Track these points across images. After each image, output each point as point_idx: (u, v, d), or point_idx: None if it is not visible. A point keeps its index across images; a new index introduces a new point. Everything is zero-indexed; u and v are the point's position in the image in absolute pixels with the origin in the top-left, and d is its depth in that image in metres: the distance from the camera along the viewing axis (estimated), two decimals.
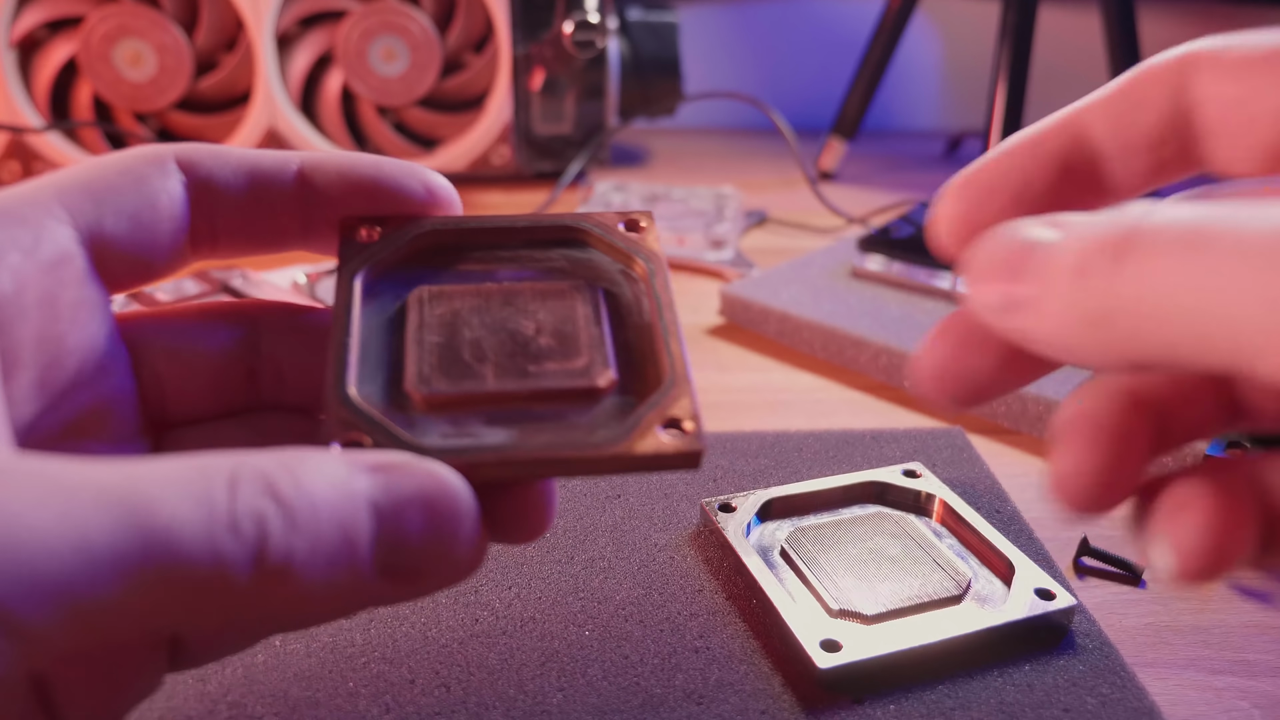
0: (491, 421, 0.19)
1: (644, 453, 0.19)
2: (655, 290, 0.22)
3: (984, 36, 0.86)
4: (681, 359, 0.20)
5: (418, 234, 0.22)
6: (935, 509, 0.31)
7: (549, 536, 0.30)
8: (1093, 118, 0.20)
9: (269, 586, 0.15)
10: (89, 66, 0.67)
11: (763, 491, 0.31)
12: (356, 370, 0.20)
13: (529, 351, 0.20)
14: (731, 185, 0.73)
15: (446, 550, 0.17)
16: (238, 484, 0.16)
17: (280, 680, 0.24)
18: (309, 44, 0.72)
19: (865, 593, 0.27)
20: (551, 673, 0.25)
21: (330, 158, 0.22)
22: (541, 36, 0.72)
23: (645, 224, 0.23)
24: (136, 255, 0.20)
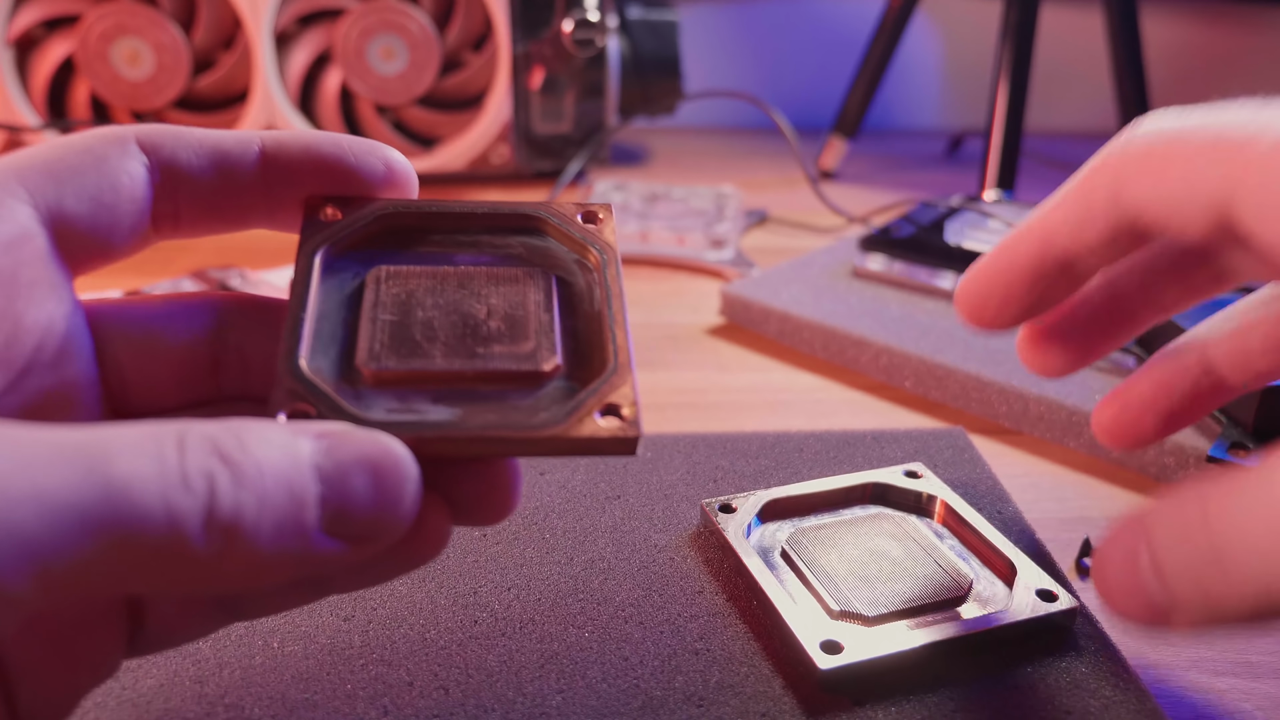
0: (437, 400, 0.20)
1: (580, 436, 0.19)
2: (607, 280, 0.22)
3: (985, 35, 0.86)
4: (626, 348, 0.21)
5: (380, 215, 0.23)
6: (936, 510, 0.31)
7: (548, 538, 0.30)
8: (1054, 227, 0.24)
9: (220, 546, 0.16)
10: (86, 65, 0.67)
11: (763, 492, 0.31)
12: (310, 344, 0.21)
13: (479, 334, 0.21)
14: (732, 184, 0.73)
15: (391, 512, 0.18)
16: (186, 445, 0.16)
17: (278, 682, 0.24)
18: (307, 42, 0.72)
19: (866, 594, 0.27)
20: (551, 675, 0.25)
21: (292, 136, 0.22)
22: (541, 35, 0.72)
23: (603, 216, 0.24)
24: (97, 235, 0.21)
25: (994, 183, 0.70)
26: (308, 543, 0.17)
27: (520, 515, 0.31)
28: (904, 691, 0.25)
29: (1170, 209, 0.22)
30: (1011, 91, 0.71)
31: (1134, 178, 0.23)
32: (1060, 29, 0.94)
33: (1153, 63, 0.79)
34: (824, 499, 0.31)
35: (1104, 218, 0.23)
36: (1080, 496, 0.37)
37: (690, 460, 0.35)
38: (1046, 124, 0.99)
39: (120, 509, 0.15)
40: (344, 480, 0.17)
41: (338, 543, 0.17)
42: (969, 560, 0.29)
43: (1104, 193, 0.23)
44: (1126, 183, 0.23)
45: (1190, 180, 0.21)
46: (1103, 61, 0.80)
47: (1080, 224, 0.24)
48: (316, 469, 0.17)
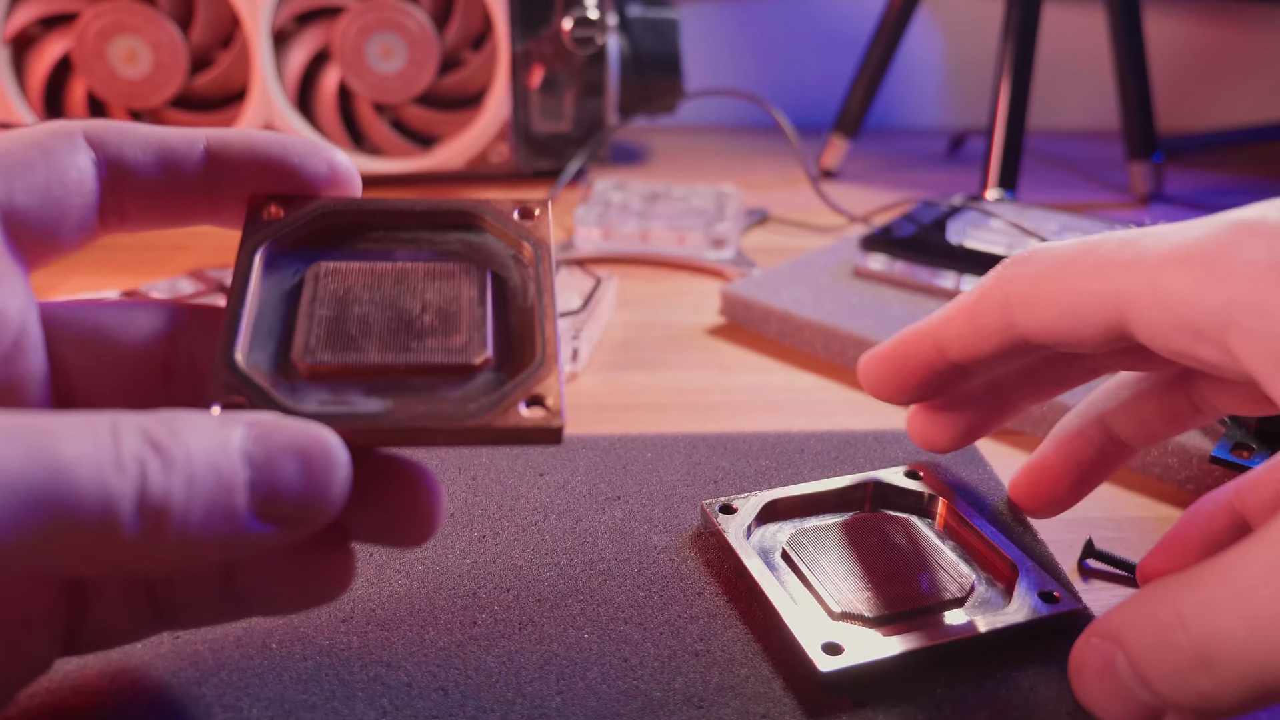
0: (369, 392, 0.21)
1: (504, 426, 0.20)
2: (539, 275, 0.23)
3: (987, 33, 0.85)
4: (553, 341, 0.22)
5: (321, 213, 0.24)
6: (938, 511, 0.31)
7: (547, 539, 0.30)
8: (947, 340, 0.27)
9: (150, 528, 0.17)
10: (83, 63, 0.67)
11: (764, 493, 0.31)
12: (248, 339, 0.21)
13: (412, 328, 0.22)
14: (732, 184, 0.73)
15: (321, 495, 0.19)
16: (119, 431, 0.17)
17: (276, 683, 0.24)
18: (305, 41, 0.72)
19: (867, 595, 0.27)
20: (550, 676, 0.25)
21: (237, 135, 0.23)
22: (540, 33, 0.72)
23: (539, 212, 0.25)
24: (46, 229, 0.21)
25: (996, 182, 0.71)
26: (238, 525, 0.18)
27: (520, 516, 0.31)
28: (905, 693, 0.25)
29: (1065, 330, 0.24)
30: (1013, 90, 0.71)
31: (1026, 306, 0.25)
32: (1062, 27, 0.94)
33: (1155, 61, 0.79)
34: (825, 500, 0.31)
35: (995, 339, 0.26)
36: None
37: (690, 461, 0.35)
38: (1049, 123, 0.99)
39: (60, 489, 0.16)
40: (273, 465, 0.18)
41: (269, 525, 0.18)
42: (970, 562, 0.29)
43: (995, 317, 0.25)
44: (1018, 310, 0.25)
45: (1082, 303, 0.23)
46: (1105, 60, 0.80)
47: (971, 343, 0.26)
48: (246, 455, 0.18)
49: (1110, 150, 0.91)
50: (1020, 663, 0.26)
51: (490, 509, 0.32)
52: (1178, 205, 0.77)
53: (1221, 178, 0.86)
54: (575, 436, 0.36)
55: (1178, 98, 1.00)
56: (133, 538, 0.16)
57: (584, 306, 0.48)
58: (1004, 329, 0.26)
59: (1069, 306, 0.24)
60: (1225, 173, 0.87)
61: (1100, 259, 0.24)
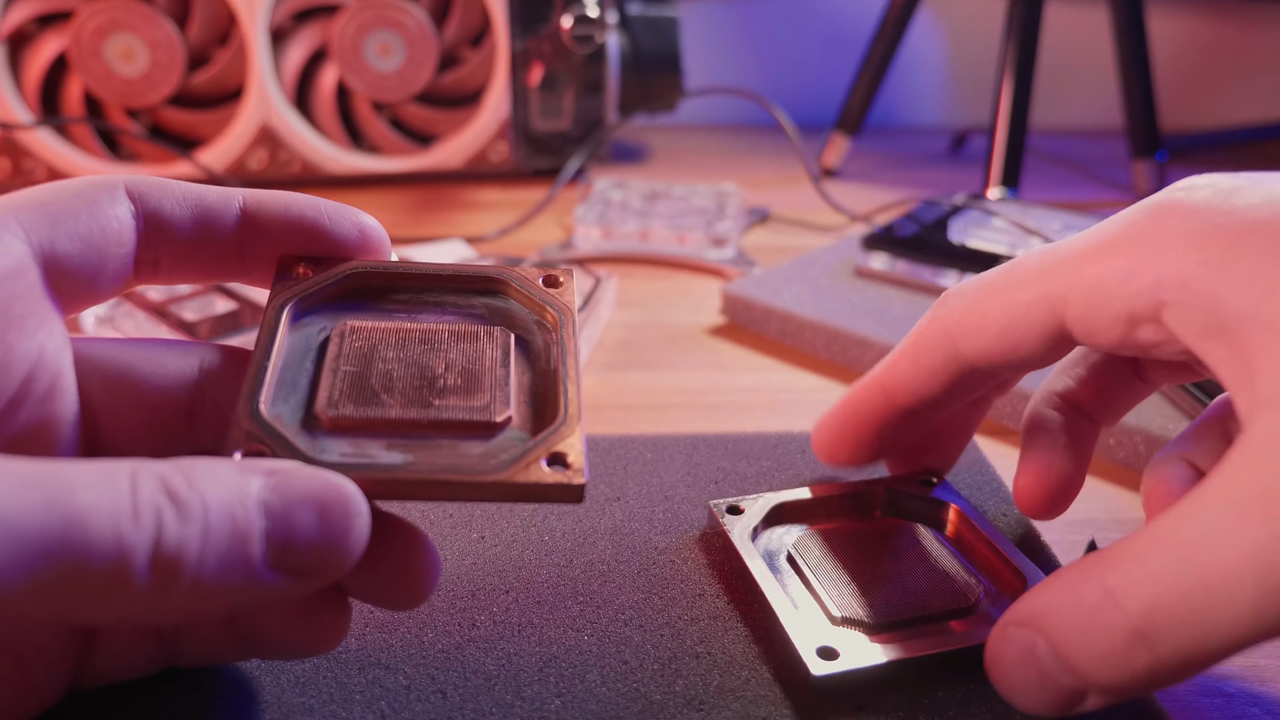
0: (391, 446, 0.21)
1: (524, 481, 0.20)
2: (562, 338, 0.24)
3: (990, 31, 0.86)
4: (576, 401, 0.22)
5: (349, 274, 0.25)
6: (949, 519, 0.31)
7: (547, 540, 0.30)
8: (894, 386, 0.28)
9: (162, 579, 0.17)
10: (79, 62, 0.67)
11: (771, 495, 0.31)
12: (273, 391, 0.22)
13: (435, 386, 0.22)
14: (733, 182, 0.73)
15: (337, 547, 0.19)
16: (138, 481, 0.17)
17: (274, 686, 0.24)
18: (303, 39, 0.72)
19: (869, 601, 0.27)
20: (550, 678, 0.25)
21: (271, 196, 0.24)
22: (540, 31, 0.72)
23: (564, 280, 0.26)
24: (85, 274, 0.22)
25: (998, 181, 0.71)
26: (252, 576, 0.18)
27: (518, 517, 0.31)
28: (908, 698, 0.25)
29: (1008, 348, 0.25)
30: (1016, 88, 0.71)
31: (965, 333, 0.25)
32: (1065, 25, 0.94)
33: (1159, 58, 0.79)
34: (834, 504, 0.31)
35: (941, 375, 0.26)
36: (1085, 498, 0.37)
37: (691, 462, 0.35)
38: (1051, 121, 0.99)
39: (75, 538, 0.16)
40: (290, 516, 0.18)
41: (283, 576, 0.18)
42: (978, 570, 0.29)
43: (939, 353, 0.26)
44: (959, 339, 0.26)
45: (1017, 317, 0.24)
46: (1108, 58, 0.80)
47: (919, 383, 0.27)
48: (263, 504, 0.18)
49: (1113, 149, 0.91)
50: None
51: (489, 510, 0.32)
52: None
53: None
54: None
55: (1181, 95, 1.00)
56: (144, 588, 0.16)
57: (583, 306, 0.48)
58: (948, 361, 0.26)
59: (1007, 323, 0.24)
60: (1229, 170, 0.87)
61: (1027, 270, 0.24)
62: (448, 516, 0.31)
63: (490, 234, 0.64)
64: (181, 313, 0.45)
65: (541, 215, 0.69)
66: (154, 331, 0.44)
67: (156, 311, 0.45)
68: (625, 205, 0.65)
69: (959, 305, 0.26)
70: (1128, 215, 0.23)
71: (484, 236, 0.64)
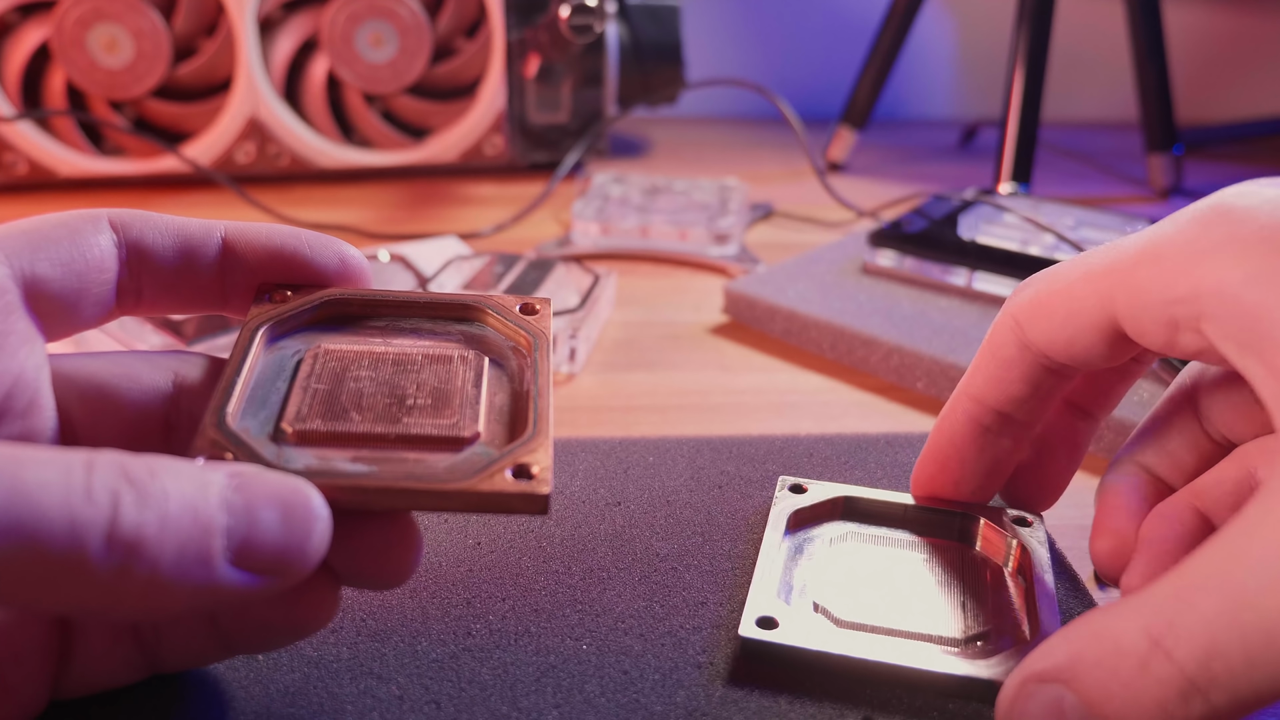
0: (356, 459, 0.22)
1: (487, 490, 0.21)
2: (536, 360, 0.25)
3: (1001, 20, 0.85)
4: (546, 417, 0.23)
5: (326, 300, 0.26)
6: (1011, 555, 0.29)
7: (545, 546, 0.30)
8: (979, 390, 0.28)
9: (121, 562, 0.17)
10: (62, 52, 0.67)
11: (842, 486, 0.31)
12: (241, 406, 0.23)
13: (405, 405, 0.23)
14: (736, 177, 0.73)
15: (300, 547, 0.19)
16: (94, 466, 0.18)
17: (263, 696, 0.24)
18: (293, 29, 0.72)
19: (852, 600, 0.27)
20: (547, 689, 0.25)
21: (253, 227, 0.25)
22: (536, 21, 0.72)
23: (540, 308, 0.26)
24: (66, 300, 0.23)
25: (1009, 175, 0.71)
26: (212, 571, 0.18)
27: (516, 522, 0.31)
28: (916, 708, 0.25)
29: (1068, 339, 0.25)
30: (1028, 80, 0.71)
31: (1032, 321, 0.26)
32: (1079, 15, 0.94)
33: (1175, 50, 0.80)
34: (901, 515, 0.31)
35: (1018, 367, 0.27)
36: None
37: (693, 465, 0.35)
38: (1064, 114, 0.99)
39: (23, 512, 0.16)
40: (253, 514, 0.19)
41: (245, 574, 0.19)
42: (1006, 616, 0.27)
43: (1012, 343, 0.27)
44: (1027, 328, 0.26)
45: (1076, 310, 0.25)
46: (1123, 48, 0.80)
47: (1001, 378, 0.27)
48: (225, 501, 0.19)
49: (1128, 142, 0.91)
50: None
51: (485, 515, 0.32)
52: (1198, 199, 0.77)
53: (1243, 170, 0.86)
54: (574, 439, 0.36)
55: (1198, 88, 1.00)
56: (103, 571, 0.17)
57: (582, 304, 0.48)
58: (1021, 350, 0.27)
59: (1067, 315, 0.25)
60: (1247, 165, 0.87)
61: (1087, 266, 0.25)
62: (443, 522, 0.31)
63: (485, 230, 0.65)
64: (182, 321, 0.45)
65: (538, 211, 0.69)
66: (140, 331, 0.44)
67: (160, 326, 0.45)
68: (625, 200, 0.65)
69: (1028, 295, 0.26)
70: (1180, 217, 0.23)
71: (479, 233, 0.64)
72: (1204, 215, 0.23)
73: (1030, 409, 0.28)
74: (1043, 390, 0.27)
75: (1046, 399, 0.28)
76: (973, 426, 0.28)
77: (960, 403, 0.29)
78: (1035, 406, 0.28)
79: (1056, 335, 0.26)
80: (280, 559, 0.19)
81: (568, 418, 0.43)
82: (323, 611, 0.22)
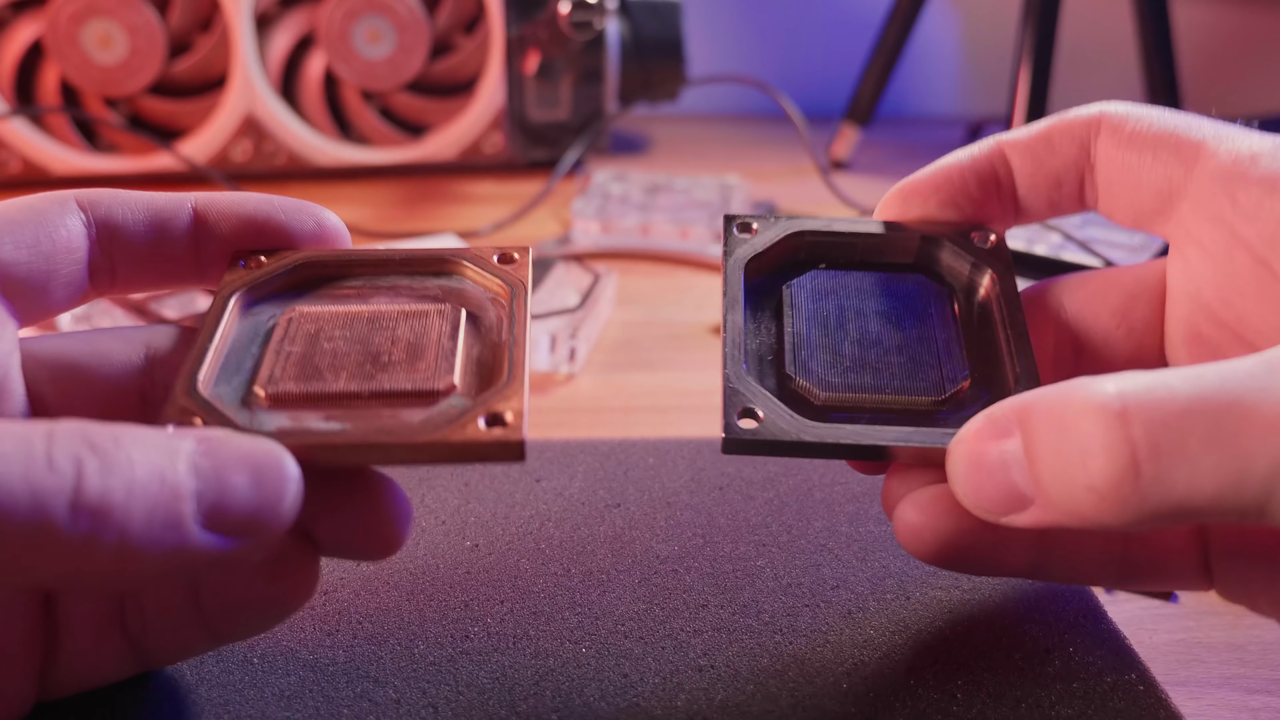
0: (329, 418, 0.22)
1: (460, 440, 0.21)
2: (513, 310, 0.24)
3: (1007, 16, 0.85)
4: (521, 364, 0.23)
5: (299, 263, 0.25)
6: (983, 283, 0.27)
7: (544, 548, 0.30)
8: (1015, 151, 0.27)
9: (89, 528, 0.17)
10: (56, 48, 0.67)
11: (792, 220, 0.28)
12: (214, 373, 0.23)
13: (379, 362, 0.23)
14: (737, 175, 0.73)
15: (272, 508, 0.19)
16: (54, 435, 0.18)
17: (258, 700, 0.24)
18: (289, 25, 0.72)
19: (836, 369, 0.25)
20: (546, 692, 0.25)
21: (223, 197, 0.25)
22: (536, 17, 0.72)
23: (519, 257, 0.26)
24: (34, 282, 0.23)
25: None
26: (183, 535, 0.18)
27: (515, 524, 0.31)
28: (921, 712, 0.25)
29: (1122, 174, 0.25)
30: (1034, 76, 0.71)
31: (1106, 135, 0.25)
32: (1085, 10, 0.94)
33: (1183, 45, 0.79)
34: (860, 245, 0.28)
35: (1064, 157, 0.26)
36: None
37: (694, 466, 0.35)
38: None
39: None
40: (222, 476, 0.19)
41: (217, 537, 0.19)
42: (984, 358, 0.25)
43: (1073, 138, 0.26)
44: (1098, 136, 0.26)
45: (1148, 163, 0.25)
46: (1130, 44, 0.80)
47: (1042, 155, 0.26)
48: (194, 466, 0.19)
49: None
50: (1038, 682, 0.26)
51: (483, 516, 0.32)
52: None
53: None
54: (573, 441, 0.36)
55: (1207, 85, 1.00)
56: (71, 538, 0.17)
57: (582, 304, 0.48)
58: (1082, 147, 0.26)
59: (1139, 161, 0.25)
60: None
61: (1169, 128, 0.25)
62: (440, 524, 0.31)
63: (484, 228, 0.65)
64: (162, 310, 0.45)
65: (538, 209, 0.69)
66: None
67: (136, 309, 0.45)
68: (625, 198, 0.65)
69: (1119, 111, 0.26)
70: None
71: (477, 231, 0.64)
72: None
73: (1036, 194, 0.27)
74: (1061, 189, 0.27)
75: (1054, 194, 0.27)
76: (981, 172, 0.27)
77: (988, 152, 0.27)
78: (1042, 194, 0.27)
79: (1127, 165, 0.25)
80: (253, 520, 0.19)
81: (567, 418, 0.43)
82: (303, 583, 0.22)
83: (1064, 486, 0.19)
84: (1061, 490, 0.19)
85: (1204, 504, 0.18)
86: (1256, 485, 0.18)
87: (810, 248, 0.28)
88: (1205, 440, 0.18)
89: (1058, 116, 0.27)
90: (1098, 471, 0.19)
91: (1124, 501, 0.18)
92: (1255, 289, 0.23)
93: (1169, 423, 0.18)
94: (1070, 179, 0.26)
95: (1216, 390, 0.18)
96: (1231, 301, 0.24)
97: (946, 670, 0.26)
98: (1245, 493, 0.18)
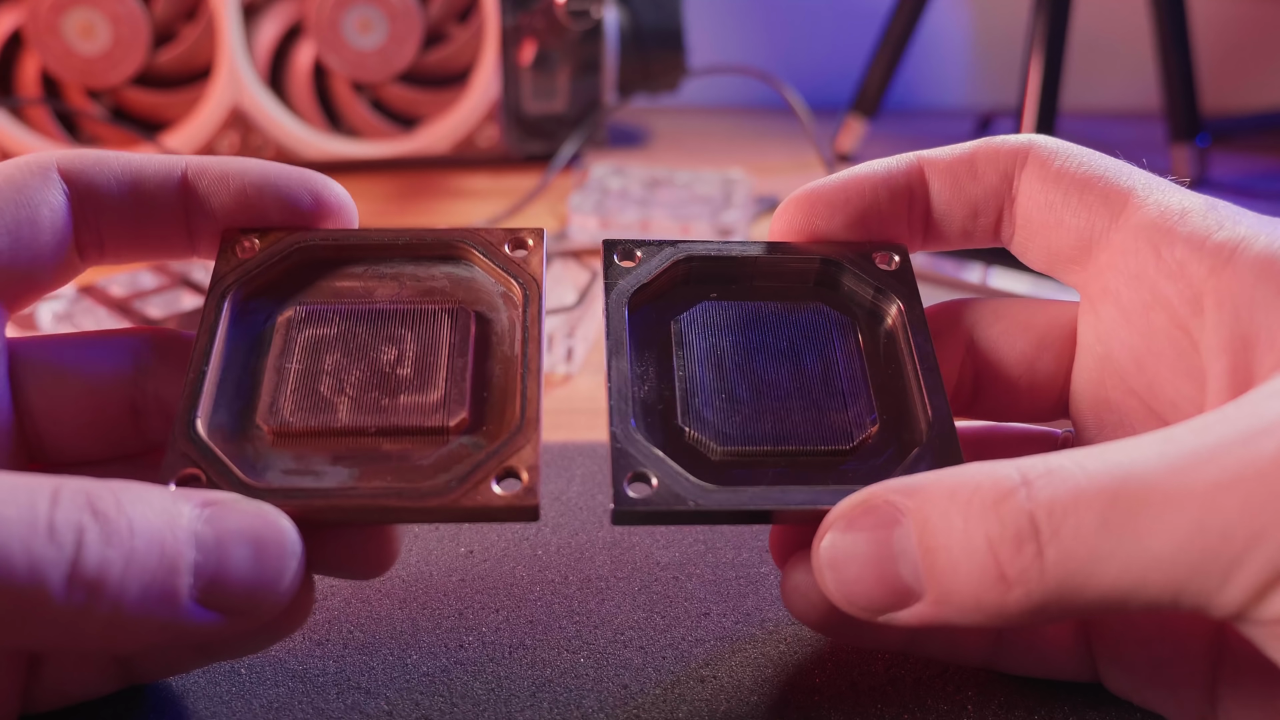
0: (336, 460, 0.21)
1: (472, 505, 0.21)
2: (527, 321, 0.24)
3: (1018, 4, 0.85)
4: (535, 402, 0.22)
5: (295, 248, 0.24)
6: (890, 315, 0.26)
7: (540, 555, 0.30)
8: (934, 171, 0.26)
9: (83, 602, 0.17)
10: (36, 38, 0.67)
11: (681, 244, 0.26)
12: (212, 398, 0.22)
13: (387, 382, 0.23)
14: (740, 168, 0.73)
15: (271, 588, 0.19)
16: (59, 497, 0.17)
17: (246, 712, 0.24)
18: (277, 14, 0.72)
19: (733, 417, 0.23)
20: (543, 703, 0.25)
21: (216, 162, 0.24)
22: (532, 6, 0.72)
23: (532, 242, 0.25)
24: (19, 267, 0.22)
25: None
26: (177, 610, 0.18)
27: (510, 530, 0.31)
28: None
29: (1042, 213, 0.25)
30: (1046, 67, 0.71)
31: (1032, 169, 0.25)
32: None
33: (1200, 35, 0.79)
34: (757, 270, 0.26)
35: (986, 186, 0.26)
36: None
37: None
38: (1083, 103, 0.99)
39: None
40: (223, 550, 0.19)
41: (211, 614, 0.19)
42: (891, 397, 0.24)
43: (997, 167, 0.26)
44: (1024, 169, 0.25)
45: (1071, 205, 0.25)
46: (1145, 34, 0.80)
47: (963, 180, 0.26)
48: (195, 535, 0.18)
49: (1151, 132, 0.91)
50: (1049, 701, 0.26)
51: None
52: (1224, 191, 0.77)
53: (1271, 162, 0.86)
54: (571, 443, 0.36)
55: (1224, 75, 1.00)
56: (64, 609, 0.17)
57: (579, 302, 0.48)
58: (1005, 178, 0.26)
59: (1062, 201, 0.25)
60: (1276, 156, 0.87)
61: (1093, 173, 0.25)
62: (433, 529, 0.31)
63: (479, 224, 0.65)
64: (145, 309, 0.45)
65: (534, 204, 0.69)
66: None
67: (119, 308, 0.45)
68: (624, 193, 0.65)
69: (1048, 146, 0.26)
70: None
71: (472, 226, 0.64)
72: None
73: (952, 219, 0.26)
74: (977, 219, 0.26)
75: (969, 223, 0.26)
76: (896, 189, 0.26)
77: (906, 168, 0.26)
78: (957, 221, 0.26)
79: (1049, 204, 0.25)
80: (250, 598, 0.19)
81: (565, 420, 0.43)
82: (297, 609, 0.22)
83: (964, 578, 0.18)
84: (962, 582, 0.18)
85: (1108, 589, 0.18)
86: (1165, 571, 0.17)
87: (701, 274, 0.26)
88: (1104, 524, 0.18)
89: (985, 140, 0.26)
90: (1007, 559, 0.18)
91: (1028, 591, 0.18)
92: (1171, 354, 0.22)
93: (1071, 506, 0.18)
94: (989, 209, 0.26)
95: (1125, 474, 0.18)
96: (1145, 365, 0.23)
97: (957, 681, 0.26)
98: (1152, 578, 0.17)
